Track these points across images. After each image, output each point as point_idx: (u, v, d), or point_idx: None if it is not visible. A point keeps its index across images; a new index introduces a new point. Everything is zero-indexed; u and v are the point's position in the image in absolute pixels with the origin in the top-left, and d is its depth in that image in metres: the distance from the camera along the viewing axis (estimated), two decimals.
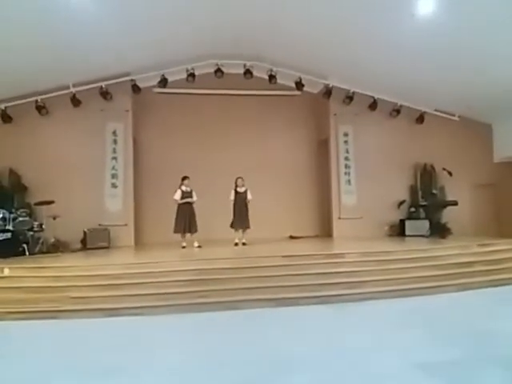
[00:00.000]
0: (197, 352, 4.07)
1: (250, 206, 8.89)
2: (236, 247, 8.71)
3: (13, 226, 7.89)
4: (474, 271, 6.88)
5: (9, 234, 7.70)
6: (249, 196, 8.87)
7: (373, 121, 10.91)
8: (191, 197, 8.64)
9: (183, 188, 8.65)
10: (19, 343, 4.53)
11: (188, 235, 8.71)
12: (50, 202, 8.66)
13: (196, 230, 8.68)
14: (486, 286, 6.55)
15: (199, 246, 8.62)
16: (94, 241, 9.08)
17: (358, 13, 7.33)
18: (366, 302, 5.78)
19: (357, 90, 10.56)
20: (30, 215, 8.49)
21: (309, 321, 5.08)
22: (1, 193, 8.95)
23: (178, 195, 8.59)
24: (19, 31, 6.92)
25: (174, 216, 8.62)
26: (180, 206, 8.62)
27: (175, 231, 8.62)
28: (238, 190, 8.88)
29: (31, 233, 8.31)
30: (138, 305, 5.60)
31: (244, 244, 8.83)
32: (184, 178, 8.71)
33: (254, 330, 4.79)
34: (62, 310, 5.48)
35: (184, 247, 8.58)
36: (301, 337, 4.44)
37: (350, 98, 10.57)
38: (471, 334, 4.30)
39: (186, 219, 8.53)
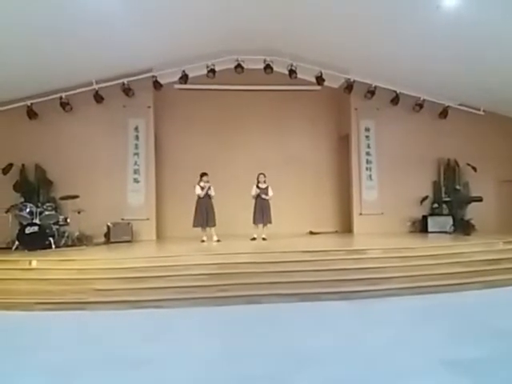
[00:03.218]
0: (219, 345, 4.11)
1: (270, 202, 8.92)
2: (254, 242, 8.75)
3: (39, 220, 8.11)
4: (499, 269, 6.71)
5: (36, 228, 7.91)
6: (270, 193, 8.91)
7: (395, 116, 10.73)
8: (208, 192, 8.73)
9: (201, 184, 8.75)
10: (47, 333, 4.66)
11: (208, 229, 8.83)
12: (75, 197, 8.86)
13: (214, 224, 8.78)
14: None
15: (218, 240, 8.72)
16: (117, 235, 9.24)
17: (381, 5, 7.19)
18: (389, 299, 5.72)
19: (378, 85, 10.39)
20: (55, 209, 8.71)
21: (331, 316, 5.07)
22: (27, 187, 9.22)
23: (198, 190, 8.72)
24: (44, 29, 7.02)
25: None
26: (198, 200, 8.73)
27: (194, 225, 8.76)
28: (260, 185, 8.91)
29: (57, 226, 8.52)
30: (161, 297, 5.69)
31: (264, 239, 8.85)
32: (202, 175, 8.81)
33: (275, 325, 4.80)
34: (88, 302, 5.62)
35: (203, 241, 8.70)
36: (323, 332, 4.43)
37: (371, 92, 10.41)
38: (497, 333, 4.19)
39: (204, 213, 8.65)
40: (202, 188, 8.71)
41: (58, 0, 6.42)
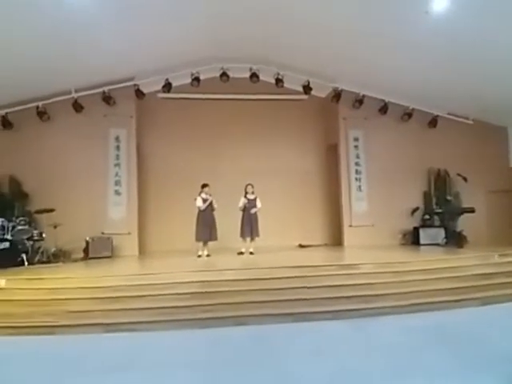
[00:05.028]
0: (201, 373, 3.71)
1: (258, 214, 8.58)
2: (241, 256, 8.36)
3: (11, 235, 7.62)
4: (496, 283, 6.42)
5: (7, 244, 7.46)
6: (258, 204, 8.54)
7: (383, 125, 10.54)
8: (212, 204, 8.36)
9: (203, 195, 8.36)
10: (10, 361, 4.18)
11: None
12: (51, 210, 8.39)
13: (216, 238, 8.42)
14: (510, 300, 6.11)
15: (208, 255, 8.33)
16: (96, 250, 8.78)
17: (368, 12, 7.01)
18: (384, 318, 5.36)
19: (367, 94, 10.23)
20: (29, 224, 8.21)
21: (323, 339, 4.68)
22: (0, 201, 8.69)
23: (200, 202, 8.29)
24: (19, 35, 6.70)
25: (195, 224, 8.32)
26: (201, 213, 8.32)
27: (198, 239, 8.32)
28: (248, 197, 8.55)
29: (31, 242, 8.02)
30: (139, 319, 5.24)
31: (251, 253, 8.47)
32: (204, 186, 8.43)
33: (265, 349, 4.39)
34: (59, 325, 5.15)
35: (200, 256, 8.29)
36: (314, 358, 4.03)
37: (359, 101, 10.23)
38: (501, 357, 3.85)
39: (207, 227, 8.26)
40: (204, 200, 8.32)
41: (38, 3, 6.06)
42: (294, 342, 4.62)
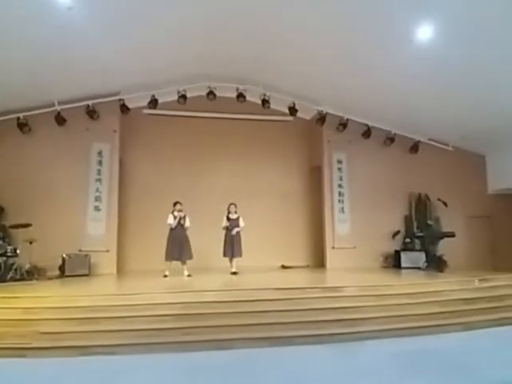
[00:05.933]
0: None
1: (241, 233, 8.49)
2: (223, 277, 8.18)
3: None
4: (477, 308, 6.49)
5: None
6: (241, 223, 8.48)
7: (366, 149, 10.70)
8: (184, 222, 8.21)
9: (175, 213, 8.23)
10: None
11: (175, 263, 8.22)
12: (27, 225, 8.09)
13: (191, 257, 8.22)
14: (492, 326, 6.15)
15: (189, 275, 8.09)
16: (72, 268, 8.47)
17: (355, 39, 7.19)
18: (367, 342, 5.30)
19: (351, 117, 10.39)
20: (3, 239, 7.89)
21: (305, 364, 4.57)
22: None
23: (171, 219, 8.17)
24: (4, 46, 6.58)
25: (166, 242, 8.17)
26: (170, 231, 8.18)
27: (167, 258, 8.13)
28: (231, 216, 8.48)
29: (4, 258, 7.67)
30: (116, 342, 5.02)
31: (234, 273, 8.35)
32: (175, 204, 8.31)
33: (243, 375, 4.25)
34: (31, 348, 4.89)
35: (166, 276, 8.05)
36: None
37: (343, 125, 10.38)
38: None
39: (177, 246, 8.08)
40: (175, 218, 8.17)
41: (24, 15, 5.97)
42: (275, 366, 4.50)
